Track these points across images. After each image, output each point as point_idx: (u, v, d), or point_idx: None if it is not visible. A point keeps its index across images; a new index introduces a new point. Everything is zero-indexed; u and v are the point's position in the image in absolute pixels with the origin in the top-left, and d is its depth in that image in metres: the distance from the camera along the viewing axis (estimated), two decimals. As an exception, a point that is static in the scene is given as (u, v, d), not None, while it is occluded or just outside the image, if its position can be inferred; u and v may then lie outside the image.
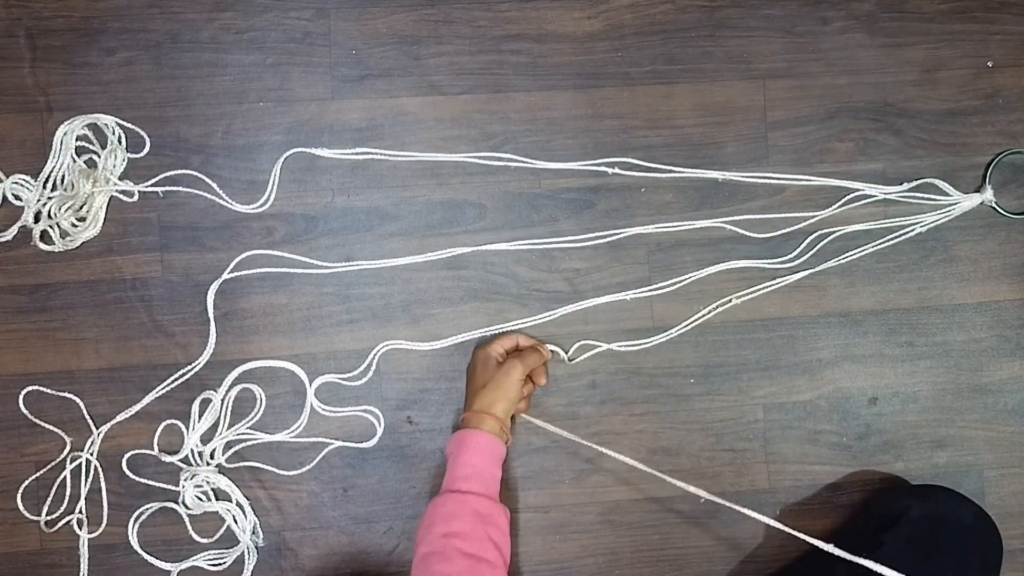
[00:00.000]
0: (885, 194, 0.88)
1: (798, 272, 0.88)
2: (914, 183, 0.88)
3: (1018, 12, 0.90)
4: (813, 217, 0.88)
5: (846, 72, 0.89)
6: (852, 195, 0.88)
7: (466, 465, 0.74)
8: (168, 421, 0.84)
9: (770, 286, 0.87)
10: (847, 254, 0.88)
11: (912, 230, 0.88)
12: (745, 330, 0.87)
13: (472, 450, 0.75)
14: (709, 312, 0.87)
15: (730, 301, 0.87)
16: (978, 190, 0.89)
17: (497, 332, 0.86)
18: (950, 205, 0.89)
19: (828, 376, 0.88)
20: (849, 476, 0.88)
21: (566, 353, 0.86)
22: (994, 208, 0.89)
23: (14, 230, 0.83)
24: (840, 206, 0.88)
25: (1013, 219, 0.89)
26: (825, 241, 0.88)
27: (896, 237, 0.88)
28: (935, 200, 0.89)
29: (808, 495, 0.88)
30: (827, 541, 0.86)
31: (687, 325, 0.87)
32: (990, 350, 0.89)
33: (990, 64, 0.90)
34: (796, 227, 0.88)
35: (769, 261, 0.88)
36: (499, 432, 0.76)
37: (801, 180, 0.88)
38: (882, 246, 0.88)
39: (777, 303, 0.88)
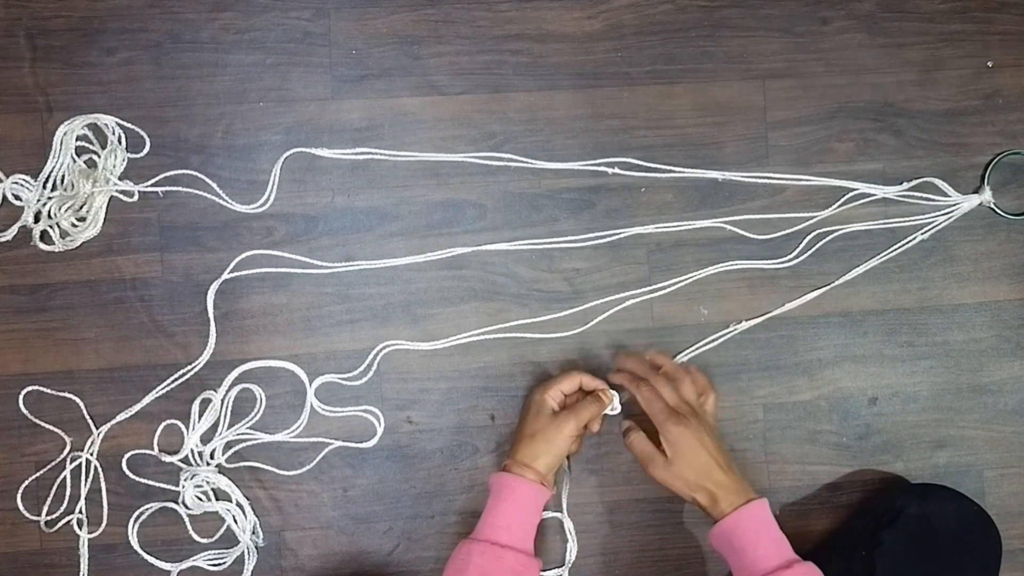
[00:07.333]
0: (885, 193, 0.88)
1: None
2: (913, 182, 0.88)
3: (1018, 12, 0.90)
4: (813, 217, 0.88)
5: (846, 72, 0.89)
6: (851, 194, 0.88)
7: (506, 516, 0.74)
8: (168, 421, 0.84)
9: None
10: (861, 266, 0.88)
11: (915, 239, 0.88)
12: (745, 330, 0.87)
13: (514, 500, 0.74)
14: (720, 337, 0.87)
15: (739, 322, 0.87)
16: (976, 191, 0.89)
17: (558, 374, 0.81)
18: (949, 206, 0.89)
19: (828, 376, 0.88)
20: (849, 476, 0.88)
21: (620, 400, 0.81)
22: (992, 209, 0.89)
23: (14, 230, 0.83)
24: (840, 206, 0.88)
25: (1012, 220, 0.89)
26: (825, 241, 0.88)
27: (898, 248, 0.88)
28: (934, 200, 0.89)
29: (808, 495, 0.88)
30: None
31: (712, 342, 0.87)
32: (990, 350, 0.89)
33: (990, 64, 0.90)
34: (796, 227, 0.88)
35: (769, 262, 0.88)
36: (541, 483, 0.75)
37: (801, 180, 0.88)
38: (882, 249, 0.88)
39: (777, 303, 0.88)
